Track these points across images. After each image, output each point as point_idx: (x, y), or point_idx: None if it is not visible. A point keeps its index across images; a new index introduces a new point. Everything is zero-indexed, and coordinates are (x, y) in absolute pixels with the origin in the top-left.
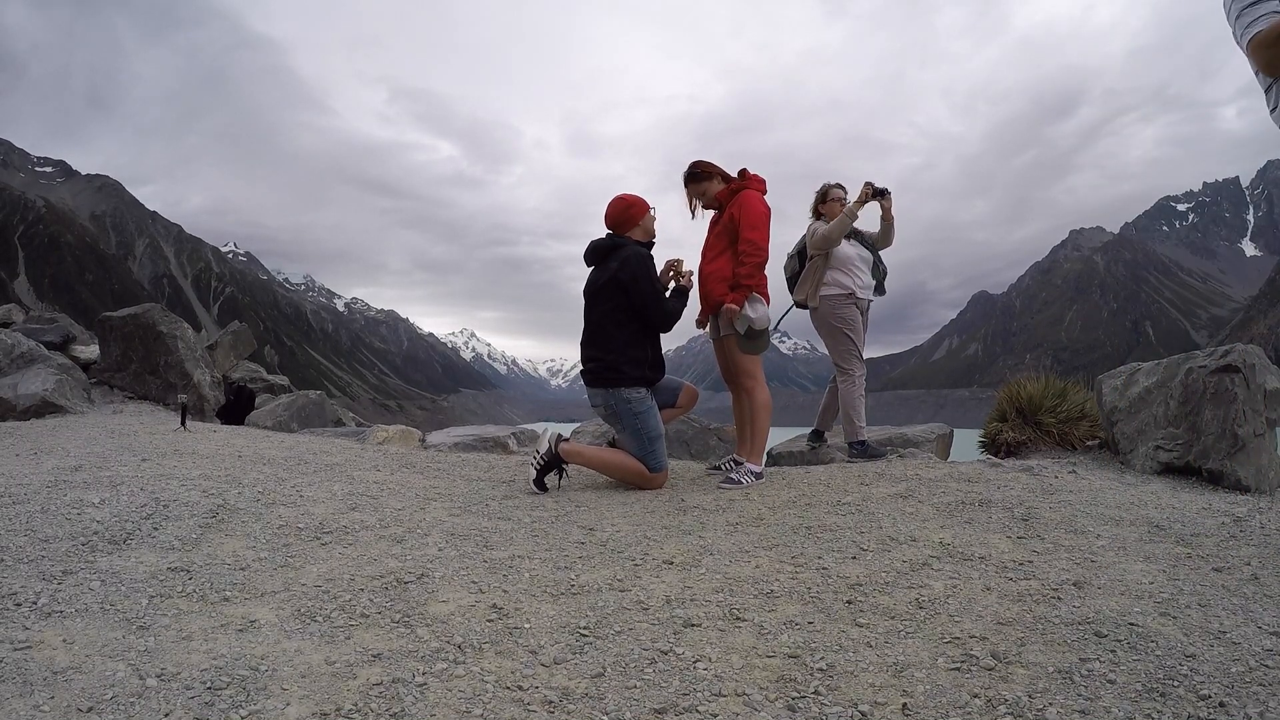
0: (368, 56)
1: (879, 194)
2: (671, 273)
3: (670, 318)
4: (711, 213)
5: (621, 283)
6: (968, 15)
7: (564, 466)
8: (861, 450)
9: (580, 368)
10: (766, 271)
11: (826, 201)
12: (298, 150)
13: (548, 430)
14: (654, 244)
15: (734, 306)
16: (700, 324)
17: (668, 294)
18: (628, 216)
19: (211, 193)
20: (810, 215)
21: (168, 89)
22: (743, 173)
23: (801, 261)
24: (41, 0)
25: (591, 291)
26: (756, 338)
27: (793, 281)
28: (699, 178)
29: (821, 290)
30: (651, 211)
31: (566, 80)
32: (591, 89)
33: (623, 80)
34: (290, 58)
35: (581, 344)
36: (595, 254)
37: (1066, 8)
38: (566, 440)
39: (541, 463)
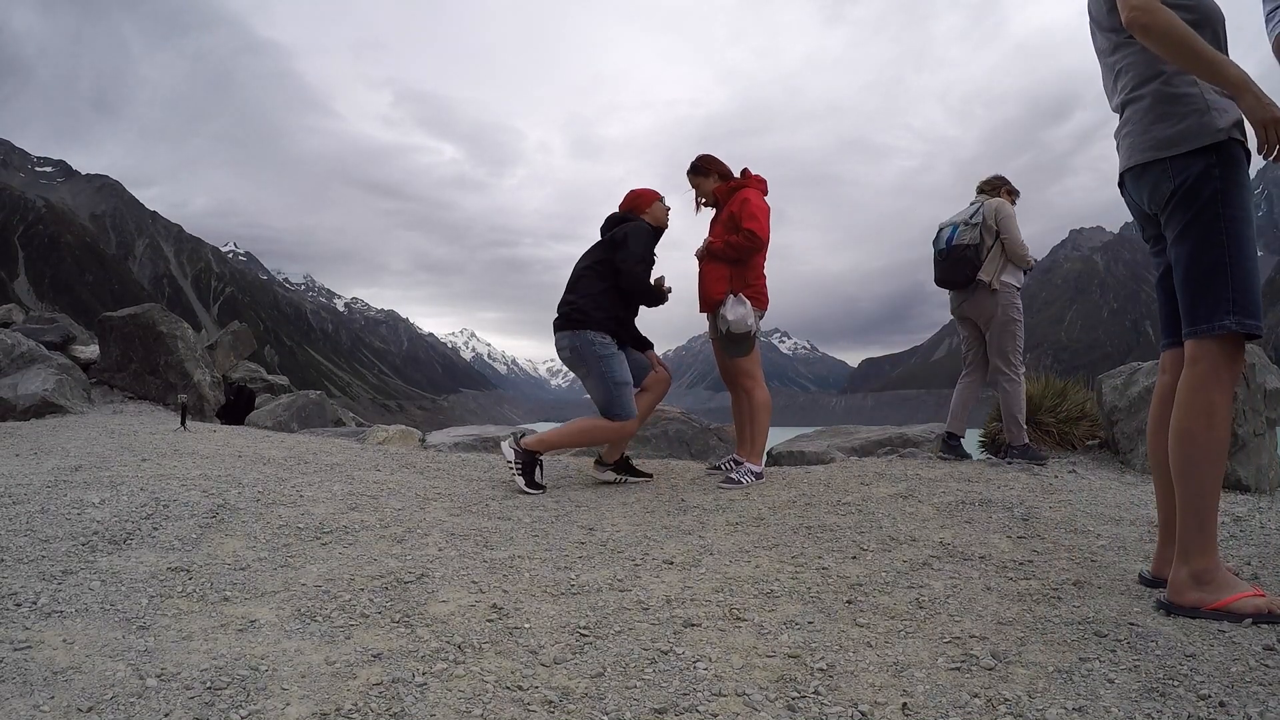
0: (373, 60)
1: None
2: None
3: (637, 280)
4: (713, 211)
5: (615, 241)
6: (964, 21)
7: (539, 458)
8: (1023, 453)
9: None
10: (766, 273)
11: (1001, 191)
12: (302, 153)
13: (509, 439)
14: (662, 231)
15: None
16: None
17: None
18: (634, 206)
19: (216, 195)
20: (978, 192)
21: (173, 92)
22: (744, 172)
23: (982, 235)
24: (50, 5)
25: (587, 250)
26: (738, 342)
27: (963, 251)
28: (699, 171)
29: (1003, 276)
30: (661, 201)
31: (570, 84)
32: (595, 92)
33: (625, 84)
34: (296, 62)
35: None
36: (608, 222)
37: (1063, 13)
38: (524, 436)
39: (519, 466)
